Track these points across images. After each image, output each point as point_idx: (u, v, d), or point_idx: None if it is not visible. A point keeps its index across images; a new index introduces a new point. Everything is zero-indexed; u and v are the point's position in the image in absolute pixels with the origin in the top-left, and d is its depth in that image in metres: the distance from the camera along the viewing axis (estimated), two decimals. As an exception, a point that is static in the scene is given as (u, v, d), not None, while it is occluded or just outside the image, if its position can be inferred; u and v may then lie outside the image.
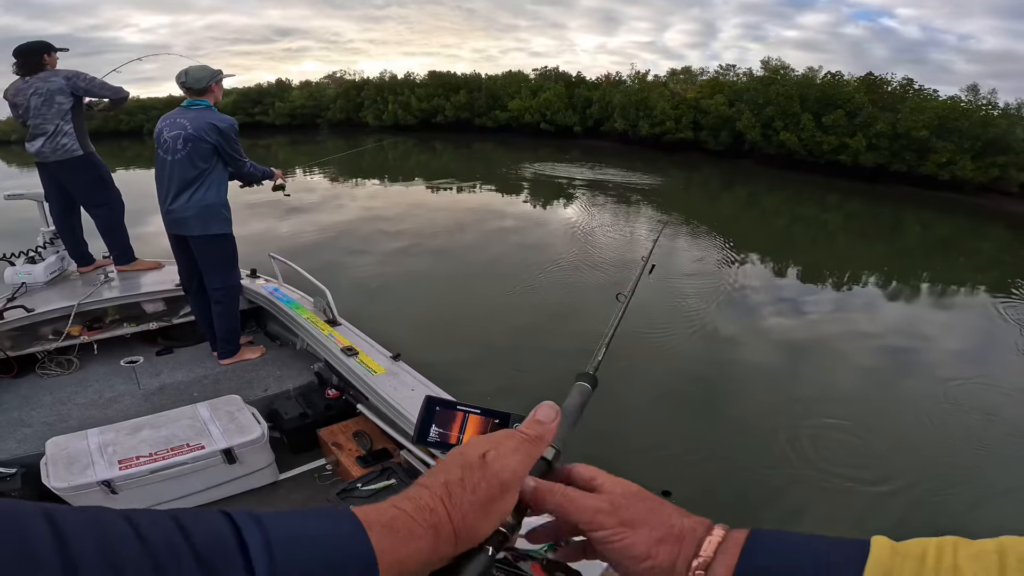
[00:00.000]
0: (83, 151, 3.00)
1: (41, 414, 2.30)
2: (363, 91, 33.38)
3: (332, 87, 35.63)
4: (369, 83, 33.70)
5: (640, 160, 19.89)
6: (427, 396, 1.35)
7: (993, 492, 3.12)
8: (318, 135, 31.11)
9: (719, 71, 24.90)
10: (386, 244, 7.91)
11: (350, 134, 30.22)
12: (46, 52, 2.95)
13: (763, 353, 4.88)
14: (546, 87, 26.77)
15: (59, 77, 2.90)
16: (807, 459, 3.32)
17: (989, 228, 14.18)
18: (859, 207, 15.19)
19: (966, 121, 17.70)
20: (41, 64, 2.92)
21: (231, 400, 2.22)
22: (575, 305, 5.58)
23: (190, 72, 2.47)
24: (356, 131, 31.56)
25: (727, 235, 9.41)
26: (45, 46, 2.95)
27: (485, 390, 3.84)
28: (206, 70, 2.49)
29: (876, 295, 7.23)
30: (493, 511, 0.40)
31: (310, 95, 34.95)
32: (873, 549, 0.33)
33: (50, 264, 3.12)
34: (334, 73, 37.16)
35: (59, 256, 3.22)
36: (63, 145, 2.95)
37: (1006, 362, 5.19)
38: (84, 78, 2.95)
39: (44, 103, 2.88)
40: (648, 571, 0.39)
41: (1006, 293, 7.60)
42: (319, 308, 2.68)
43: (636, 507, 0.42)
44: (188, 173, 2.45)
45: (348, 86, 34.56)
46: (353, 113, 33.49)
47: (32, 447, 2.04)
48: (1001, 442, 3.67)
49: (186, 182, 2.46)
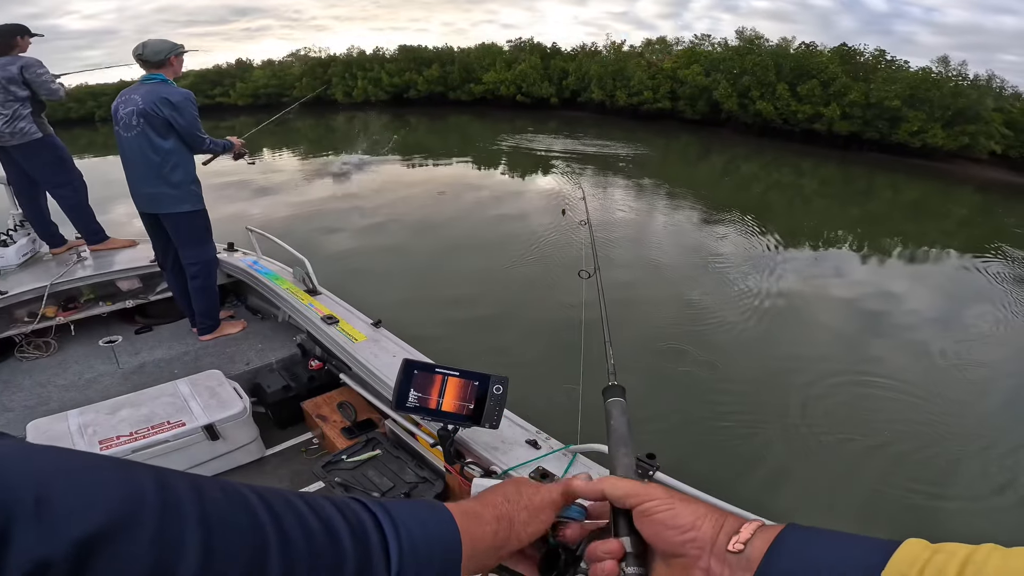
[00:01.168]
0: (42, 133, 3.02)
1: (21, 398, 2.29)
2: (330, 68, 32.41)
3: (297, 65, 34.42)
4: (337, 60, 32.72)
5: (618, 130, 19.87)
6: (404, 359, 1.29)
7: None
8: (288, 114, 30.11)
9: (694, 41, 24.93)
10: (360, 221, 7.75)
11: (319, 112, 29.36)
12: (19, 35, 2.97)
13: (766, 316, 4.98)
14: (521, 59, 26.42)
15: (15, 66, 2.92)
16: (795, 419, 3.41)
17: (959, 192, 14.69)
18: (833, 172, 15.54)
19: (937, 92, 18.22)
20: (11, 46, 2.93)
21: (212, 375, 2.20)
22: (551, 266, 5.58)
23: (148, 44, 2.41)
24: (325, 109, 30.68)
25: (710, 202, 9.51)
26: (20, 29, 2.98)
27: (467, 353, 3.82)
28: (165, 43, 2.44)
29: (850, 256, 7.44)
30: (540, 521, 0.50)
31: (273, 74, 33.69)
32: (898, 552, 0.33)
33: (22, 246, 3.11)
34: (298, 51, 35.89)
35: (30, 238, 3.21)
36: (20, 129, 2.96)
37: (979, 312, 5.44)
38: (35, 71, 2.96)
39: (0, 89, 2.88)
40: (690, 542, 0.41)
41: (980, 251, 7.97)
42: (298, 278, 2.64)
43: (685, 493, 0.50)
44: (147, 150, 2.40)
45: (314, 63, 33.46)
46: (321, 90, 32.53)
47: (14, 431, 1.97)
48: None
49: (149, 160, 2.42)
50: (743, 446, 3.10)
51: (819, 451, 3.09)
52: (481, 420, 1.29)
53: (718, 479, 2.73)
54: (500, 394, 1.29)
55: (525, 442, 1.45)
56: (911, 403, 3.58)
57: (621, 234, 7.02)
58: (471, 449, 1.46)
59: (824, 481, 2.93)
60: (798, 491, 2.85)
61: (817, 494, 2.85)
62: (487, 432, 1.36)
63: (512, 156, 14.76)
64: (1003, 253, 7.88)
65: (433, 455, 1.67)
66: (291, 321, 2.71)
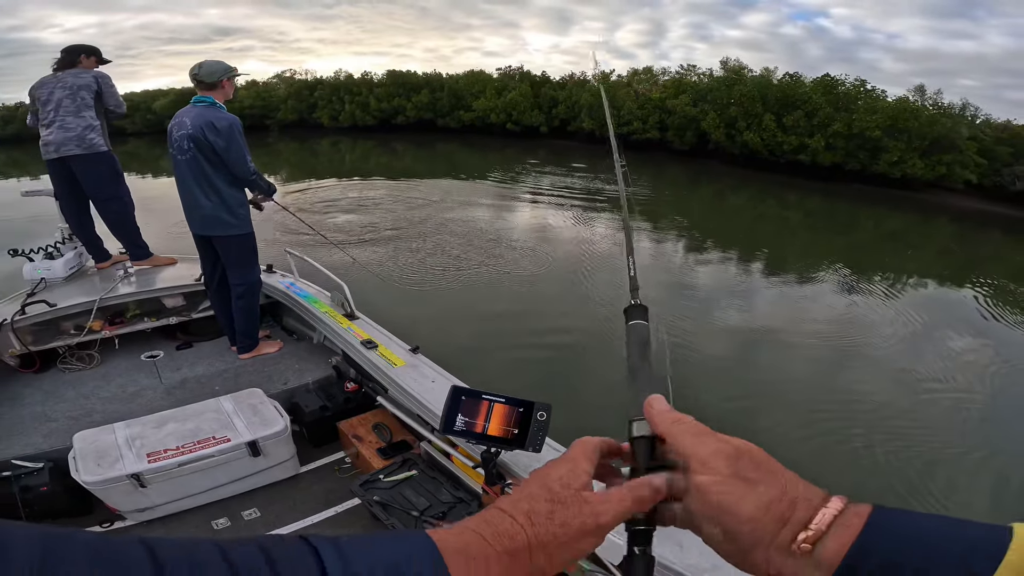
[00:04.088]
0: (107, 148, 3.18)
1: (65, 408, 2.38)
2: (316, 91, 33.16)
3: (282, 87, 35.17)
4: (323, 83, 33.52)
5: (608, 158, 20.66)
6: (453, 386, 1.47)
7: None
8: (268, 137, 30.69)
9: (680, 71, 26.40)
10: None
11: (304, 136, 29.97)
12: (84, 54, 3.16)
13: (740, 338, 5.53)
14: (511, 87, 27.53)
15: (88, 74, 3.14)
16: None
17: (936, 222, 15.74)
18: (818, 205, 16.50)
19: (915, 121, 19.58)
20: (75, 63, 3.16)
21: (253, 393, 2.31)
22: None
23: (204, 65, 2.52)
24: (310, 132, 31.32)
25: (702, 233, 10.20)
26: (89, 49, 3.23)
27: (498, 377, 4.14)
28: (221, 64, 2.55)
29: (831, 286, 8.11)
30: (578, 549, 0.40)
31: (257, 95, 34.36)
32: (1015, 541, 0.30)
33: (69, 260, 3.22)
34: (283, 72, 36.73)
35: (77, 252, 3.33)
36: (90, 140, 3.09)
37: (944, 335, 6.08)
38: (108, 82, 3.21)
39: (69, 96, 3.03)
40: (749, 533, 0.37)
41: (959, 281, 8.76)
42: (336, 302, 2.78)
43: (758, 461, 0.39)
44: (200, 174, 2.53)
45: (300, 86, 34.21)
46: (306, 114, 33.24)
47: (58, 441, 2.11)
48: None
49: (202, 184, 2.55)
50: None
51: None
52: (525, 444, 1.38)
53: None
54: (544, 420, 1.38)
55: None
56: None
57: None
58: (511, 471, 1.55)
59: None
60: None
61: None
62: (527, 455, 1.45)
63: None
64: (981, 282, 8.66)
65: (469, 476, 1.74)
66: (326, 343, 2.82)
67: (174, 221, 7.05)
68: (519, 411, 1.42)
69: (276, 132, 32.62)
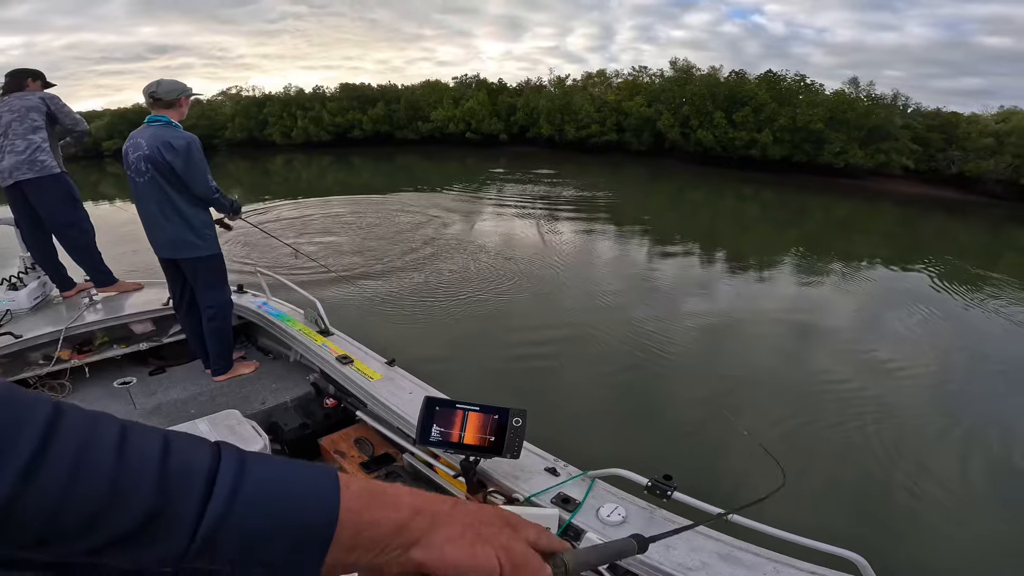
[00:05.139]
0: (60, 169, 3.11)
1: None
2: (266, 107, 32.50)
3: (228, 104, 34.28)
4: (273, 98, 32.89)
5: (569, 163, 21.33)
6: (426, 397, 1.51)
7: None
8: (215, 156, 29.83)
9: (634, 72, 27.35)
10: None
11: (255, 155, 29.30)
12: (31, 77, 3.14)
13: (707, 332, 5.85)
14: (468, 95, 27.78)
15: (35, 96, 3.09)
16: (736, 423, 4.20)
17: (880, 207, 16.89)
18: (771, 197, 17.42)
19: (852, 112, 21.02)
20: (23, 86, 3.11)
21: (230, 414, 2.34)
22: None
23: (162, 83, 2.49)
24: (262, 151, 30.66)
25: (664, 230, 10.63)
26: (34, 73, 3.20)
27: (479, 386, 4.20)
28: (178, 84, 2.53)
29: (791, 275, 8.64)
30: (479, 538, 0.43)
31: (202, 113, 33.37)
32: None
33: (33, 290, 3.21)
34: (228, 89, 35.80)
35: (41, 281, 3.30)
36: (41, 161, 3.04)
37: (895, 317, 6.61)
38: (57, 100, 3.17)
39: (17, 119, 2.99)
40: None
41: (909, 260, 9.46)
42: (310, 319, 2.81)
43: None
44: (161, 197, 2.50)
45: (248, 103, 33.42)
46: (256, 131, 32.50)
47: None
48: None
49: (163, 207, 2.53)
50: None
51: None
52: (502, 451, 1.40)
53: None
54: (520, 426, 1.41)
55: (544, 470, 1.55)
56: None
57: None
58: (493, 478, 1.55)
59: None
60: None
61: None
62: (507, 462, 1.47)
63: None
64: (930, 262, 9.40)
65: (453, 486, 1.76)
66: (303, 361, 2.83)
67: (129, 248, 6.86)
68: (494, 418, 1.44)
69: (224, 151, 31.74)
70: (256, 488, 0.37)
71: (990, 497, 3.34)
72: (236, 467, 0.38)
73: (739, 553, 1.25)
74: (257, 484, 0.37)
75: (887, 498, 3.28)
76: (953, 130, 20.83)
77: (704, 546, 1.27)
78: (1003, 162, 18.61)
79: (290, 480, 0.39)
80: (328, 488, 0.39)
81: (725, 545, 1.27)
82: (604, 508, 1.38)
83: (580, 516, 1.37)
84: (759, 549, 1.26)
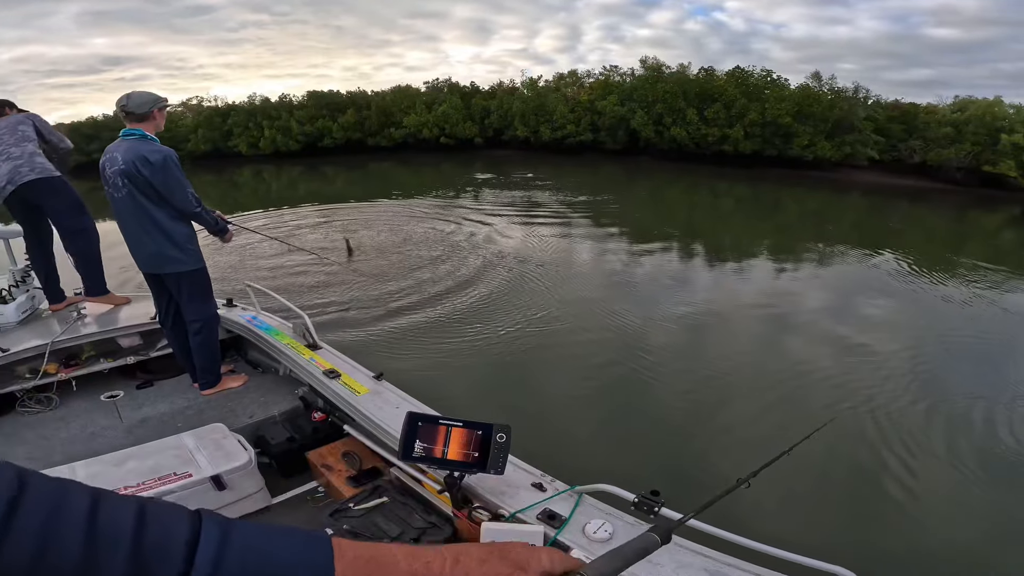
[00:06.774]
0: (60, 173, 3.15)
1: (24, 450, 2.41)
2: (230, 117, 31.94)
3: (190, 116, 33.57)
4: (237, 108, 32.35)
5: (546, 165, 21.65)
6: (408, 412, 1.45)
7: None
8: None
9: (605, 71, 27.94)
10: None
11: (220, 167, 28.78)
12: (7, 106, 3.25)
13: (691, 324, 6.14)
14: (440, 100, 27.90)
15: (17, 115, 3.22)
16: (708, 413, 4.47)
17: (849, 198, 17.70)
18: (745, 191, 18.07)
19: (818, 106, 21.96)
20: (3, 114, 3.23)
21: (216, 428, 2.35)
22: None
23: (132, 96, 2.49)
24: (228, 163, 30.13)
25: (644, 228, 11.00)
26: (9, 102, 3.31)
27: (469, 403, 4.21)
28: (150, 95, 2.52)
29: (769, 267, 9.07)
30: None
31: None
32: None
33: (21, 303, 3.26)
34: (188, 100, 35.06)
35: (29, 295, 3.37)
36: (40, 163, 3.11)
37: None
38: (41, 120, 3.27)
39: (7, 131, 3.09)
40: None
41: (878, 247, 10.01)
42: (298, 333, 2.84)
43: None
44: (140, 212, 2.50)
45: (210, 113, 32.74)
46: (221, 143, 31.92)
47: None
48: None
49: (142, 222, 2.52)
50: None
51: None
52: (487, 467, 1.40)
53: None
54: (504, 442, 1.41)
55: (531, 485, 1.54)
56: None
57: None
58: (478, 494, 1.55)
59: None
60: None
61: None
62: (493, 477, 1.46)
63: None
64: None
65: (440, 500, 1.76)
66: (292, 375, 2.84)
67: (117, 265, 6.82)
68: (478, 434, 1.44)
69: (188, 164, 30.97)
70: (241, 561, 0.36)
71: (981, 494, 3.37)
72: (219, 537, 0.36)
73: (728, 570, 1.25)
74: (242, 556, 0.36)
75: (877, 503, 3.29)
76: (912, 120, 21.96)
77: (692, 563, 1.27)
78: (963, 150, 19.70)
79: (279, 550, 0.38)
80: (321, 559, 0.38)
81: (714, 562, 1.27)
82: (591, 524, 1.38)
83: (566, 533, 1.38)
84: (748, 565, 1.25)
